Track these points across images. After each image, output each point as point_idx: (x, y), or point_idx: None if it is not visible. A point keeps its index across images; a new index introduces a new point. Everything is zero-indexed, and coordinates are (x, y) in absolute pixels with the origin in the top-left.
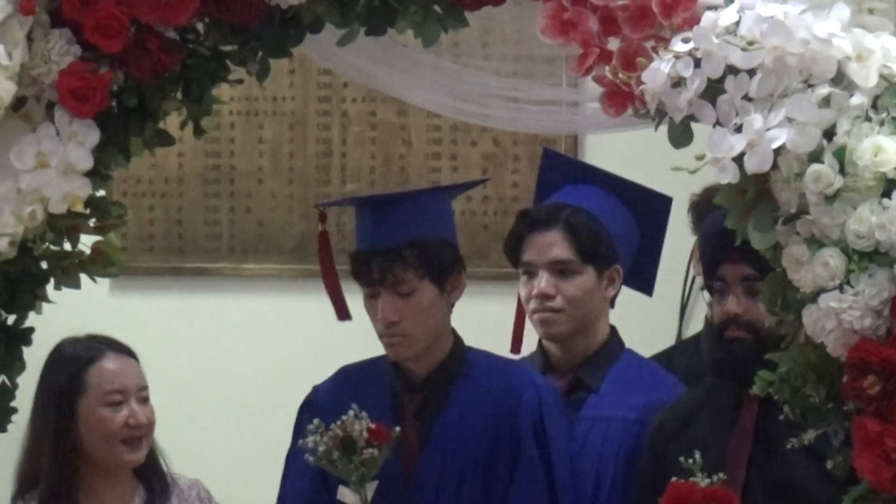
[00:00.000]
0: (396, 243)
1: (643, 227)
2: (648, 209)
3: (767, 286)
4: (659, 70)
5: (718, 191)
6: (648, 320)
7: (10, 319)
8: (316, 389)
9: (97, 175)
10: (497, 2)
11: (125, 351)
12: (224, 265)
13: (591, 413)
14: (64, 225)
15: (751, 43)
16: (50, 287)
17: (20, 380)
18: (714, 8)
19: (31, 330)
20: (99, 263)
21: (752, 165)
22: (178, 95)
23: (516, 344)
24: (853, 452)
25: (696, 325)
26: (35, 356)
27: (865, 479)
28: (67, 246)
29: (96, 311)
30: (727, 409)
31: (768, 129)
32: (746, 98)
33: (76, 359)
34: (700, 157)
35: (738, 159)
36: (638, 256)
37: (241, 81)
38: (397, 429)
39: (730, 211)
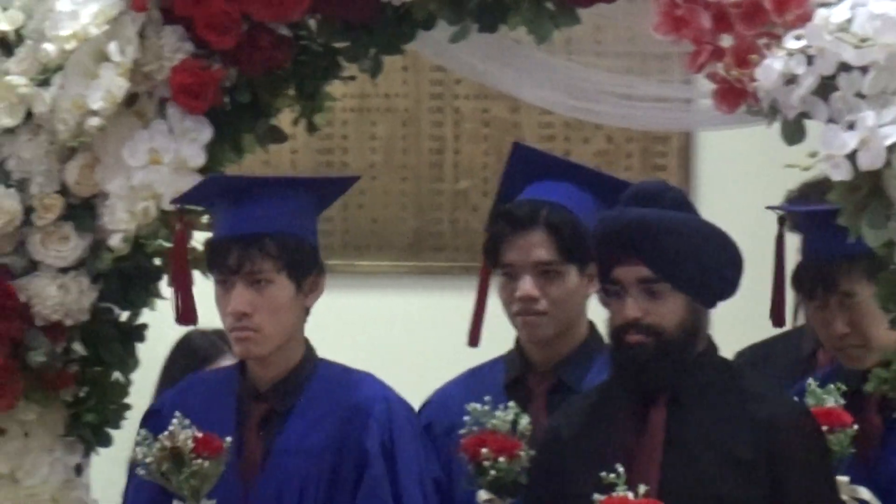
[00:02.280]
0: (257, 230)
1: None
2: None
3: (882, 284)
4: (772, 67)
5: (814, 186)
6: None
7: (124, 316)
8: (162, 397)
9: (209, 171)
10: None
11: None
12: (337, 262)
13: None
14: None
15: (863, 40)
16: (163, 283)
17: (134, 376)
18: (826, 5)
19: (144, 326)
20: None
21: (864, 162)
22: (291, 92)
23: (474, 337)
24: None
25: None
26: (148, 353)
27: None
28: None
29: (209, 308)
30: (631, 414)
31: (881, 126)
32: (859, 95)
33: (195, 353)
34: (813, 155)
35: (851, 156)
36: None
37: (353, 78)
38: (228, 439)
39: (843, 208)
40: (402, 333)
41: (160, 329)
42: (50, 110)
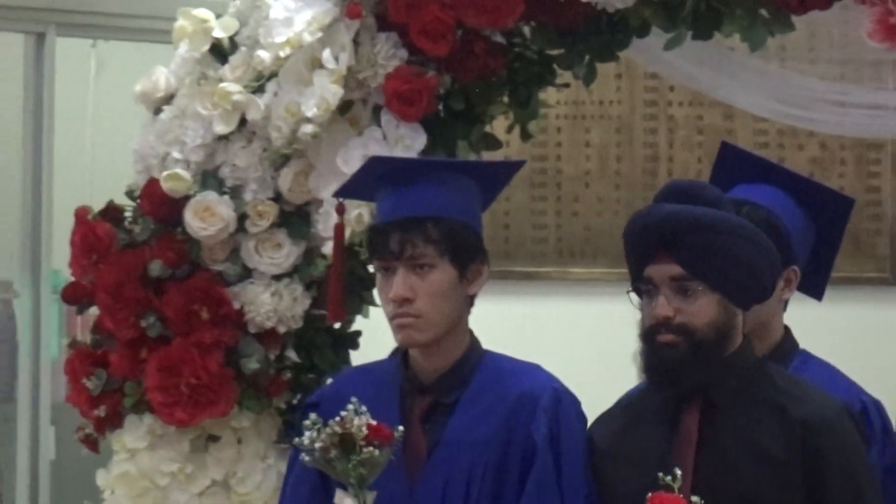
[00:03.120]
0: (419, 213)
1: (820, 228)
2: (828, 210)
3: None
4: None
5: None
6: None
7: (338, 323)
8: (320, 390)
9: None
10: (824, 6)
11: None
12: (551, 269)
13: None
14: None
15: None
16: (376, 291)
17: None
18: None
19: (358, 333)
20: None
21: None
22: (505, 99)
23: None
24: None
25: None
26: (362, 360)
27: None
28: None
29: None
30: (666, 417)
31: None
32: None
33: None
34: None
35: None
36: (812, 259)
37: (567, 85)
38: (400, 428)
39: None
40: (615, 340)
41: (374, 336)
42: (264, 117)
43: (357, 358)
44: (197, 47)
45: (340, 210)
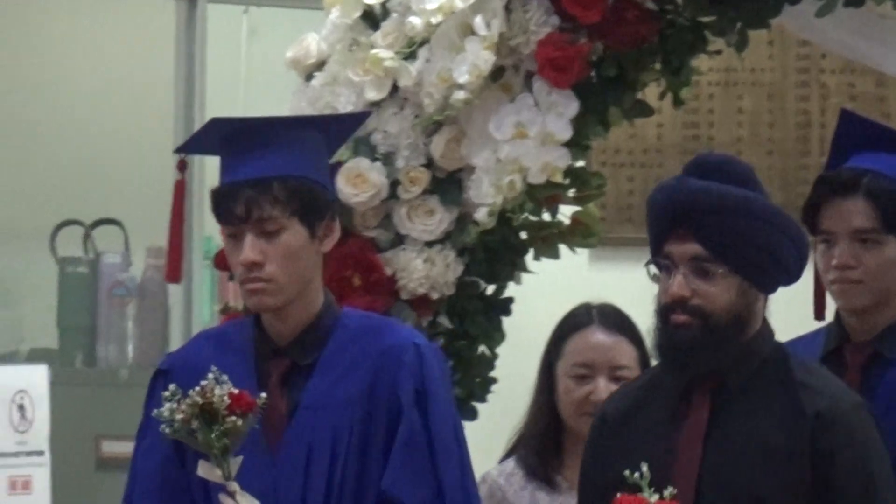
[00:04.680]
0: (264, 174)
1: None
2: None
3: None
4: None
5: None
6: None
7: (490, 289)
8: (170, 356)
9: (576, 145)
10: None
11: (616, 327)
12: None
13: (893, 388)
14: (543, 195)
15: None
16: (529, 257)
17: (500, 350)
18: None
19: (510, 300)
20: (578, 234)
21: None
22: (657, 66)
23: (819, 310)
24: None
25: None
26: (514, 326)
27: None
28: (546, 216)
29: (575, 282)
30: (674, 399)
31: None
32: None
33: (564, 323)
34: None
35: None
36: None
37: (719, 52)
38: (263, 395)
39: None
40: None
41: (526, 302)
42: (415, 84)
43: (508, 325)
44: (349, 13)
45: (181, 167)
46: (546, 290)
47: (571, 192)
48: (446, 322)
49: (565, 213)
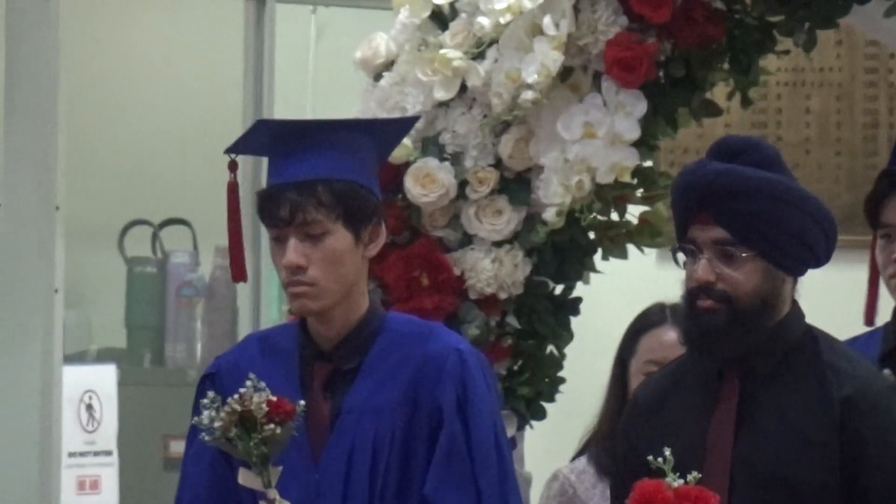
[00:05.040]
0: (310, 177)
1: None
2: None
3: None
4: None
5: None
6: None
7: (558, 289)
8: (218, 360)
9: (644, 145)
10: None
11: None
12: None
13: None
14: (611, 195)
15: None
16: (597, 257)
17: (568, 349)
18: None
19: (578, 300)
20: (646, 233)
21: None
22: (725, 66)
23: (870, 314)
24: None
25: None
26: (582, 326)
27: None
28: (614, 216)
29: (643, 281)
30: (704, 386)
31: None
32: None
33: (638, 322)
34: None
35: None
36: None
37: (787, 52)
38: (301, 402)
39: None
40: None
41: (594, 302)
42: (484, 84)
43: (576, 324)
44: (417, 13)
45: (233, 167)
46: (614, 290)
47: (639, 192)
48: (514, 322)
49: (633, 212)
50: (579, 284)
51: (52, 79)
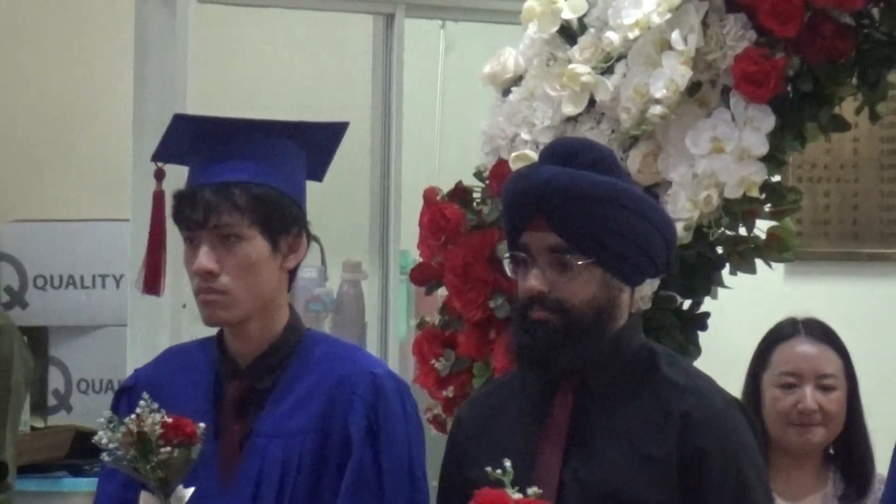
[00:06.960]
0: (226, 179)
1: None
2: None
3: None
4: None
5: None
6: None
7: (686, 304)
8: (136, 372)
9: (772, 160)
10: None
11: (822, 337)
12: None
13: None
14: (739, 210)
15: None
16: (725, 272)
17: (696, 364)
18: None
19: (706, 315)
20: (774, 248)
21: None
22: (854, 81)
23: None
24: None
25: None
26: (710, 341)
27: None
28: (742, 231)
29: (772, 296)
30: (536, 401)
31: None
32: None
33: (770, 335)
34: None
35: None
36: None
37: None
38: (202, 425)
39: None
40: None
41: (722, 317)
42: (612, 99)
43: (704, 339)
44: (546, 28)
45: (159, 175)
46: (742, 305)
47: (768, 207)
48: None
49: (762, 227)
50: (707, 299)
51: (180, 96)
